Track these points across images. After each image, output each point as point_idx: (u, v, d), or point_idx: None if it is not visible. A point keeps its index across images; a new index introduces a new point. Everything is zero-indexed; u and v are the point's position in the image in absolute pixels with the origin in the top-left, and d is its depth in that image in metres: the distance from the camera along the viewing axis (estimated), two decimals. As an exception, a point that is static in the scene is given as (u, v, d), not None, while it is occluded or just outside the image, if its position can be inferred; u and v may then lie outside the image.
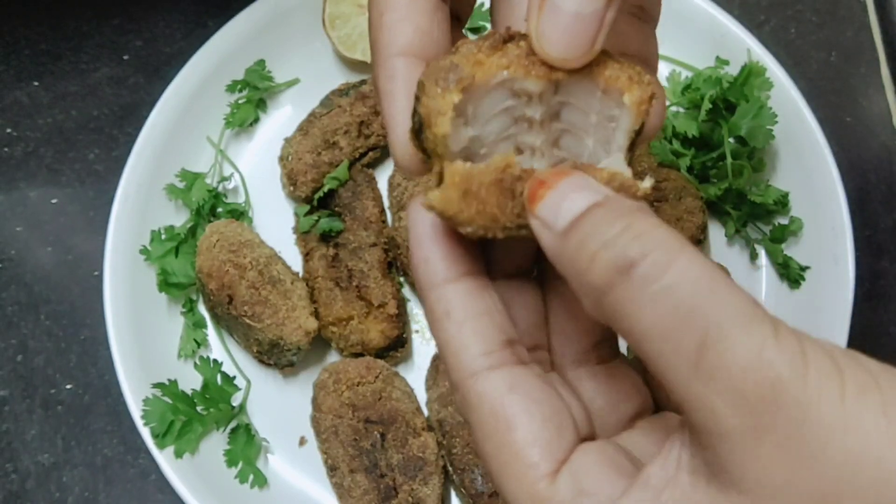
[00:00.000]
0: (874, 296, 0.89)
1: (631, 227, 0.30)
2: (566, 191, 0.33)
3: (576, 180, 0.33)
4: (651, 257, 0.29)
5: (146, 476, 0.84)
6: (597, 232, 0.31)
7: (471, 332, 0.35)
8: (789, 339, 0.29)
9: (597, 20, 0.34)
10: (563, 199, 0.32)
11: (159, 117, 0.88)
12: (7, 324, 0.89)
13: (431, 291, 0.36)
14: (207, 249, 0.82)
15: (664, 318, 0.29)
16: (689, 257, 0.30)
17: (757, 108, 0.84)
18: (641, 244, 0.30)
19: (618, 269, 0.30)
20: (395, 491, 0.77)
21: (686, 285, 0.29)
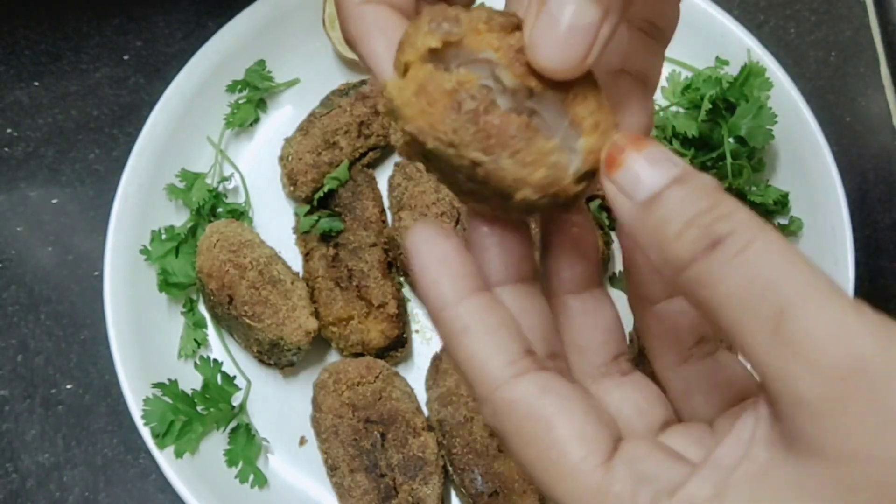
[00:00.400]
0: (874, 296, 0.89)
1: (717, 207, 0.31)
2: (648, 160, 0.33)
3: (657, 150, 0.33)
4: (736, 234, 0.30)
5: (146, 476, 0.84)
6: (684, 208, 0.31)
7: (491, 345, 0.35)
8: (871, 316, 0.29)
9: (591, 34, 0.34)
10: (645, 168, 0.32)
11: (159, 117, 0.88)
12: (7, 324, 0.89)
13: (445, 311, 0.36)
14: (208, 249, 0.82)
15: (744, 289, 0.30)
16: (770, 236, 0.30)
17: (756, 108, 0.84)
18: (728, 222, 0.30)
19: (704, 246, 0.30)
20: (395, 491, 0.77)
21: (767, 259, 0.30)
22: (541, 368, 0.35)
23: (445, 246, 0.36)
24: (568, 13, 0.33)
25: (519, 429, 0.34)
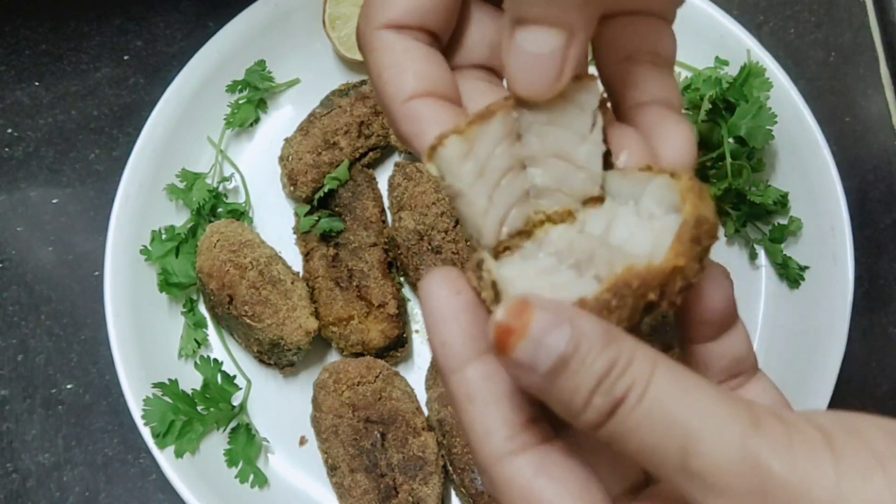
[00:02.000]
0: (873, 295, 0.89)
1: (615, 365, 0.32)
2: (540, 335, 0.32)
3: (544, 320, 0.32)
4: (633, 387, 0.31)
5: (146, 476, 0.84)
6: (584, 376, 0.32)
7: (493, 416, 0.35)
8: (771, 426, 0.30)
9: (558, 58, 0.35)
10: (539, 344, 0.32)
11: (160, 117, 0.88)
12: (8, 323, 0.89)
13: (452, 375, 0.36)
14: (208, 249, 0.82)
15: (650, 437, 0.31)
16: (662, 372, 0.32)
17: (756, 108, 0.84)
18: (625, 377, 0.31)
19: (608, 409, 0.32)
20: (395, 490, 0.77)
21: (663, 401, 0.31)
22: (541, 441, 0.35)
23: (457, 303, 0.36)
24: (533, 43, 0.35)
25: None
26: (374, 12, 0.40)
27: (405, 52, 0.39)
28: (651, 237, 0.37)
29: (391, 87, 0.39)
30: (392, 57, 0.39)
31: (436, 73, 0.39)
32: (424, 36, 0.40)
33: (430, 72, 0.39)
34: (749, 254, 0.88)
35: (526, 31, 0.35)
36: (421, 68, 0.39)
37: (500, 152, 0.38)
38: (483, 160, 0.38)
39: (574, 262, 0.38)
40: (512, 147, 0.38)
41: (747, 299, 0.86)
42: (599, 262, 0.37)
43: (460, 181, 0.38)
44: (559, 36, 0.35)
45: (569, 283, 0.37)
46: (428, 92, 0.39)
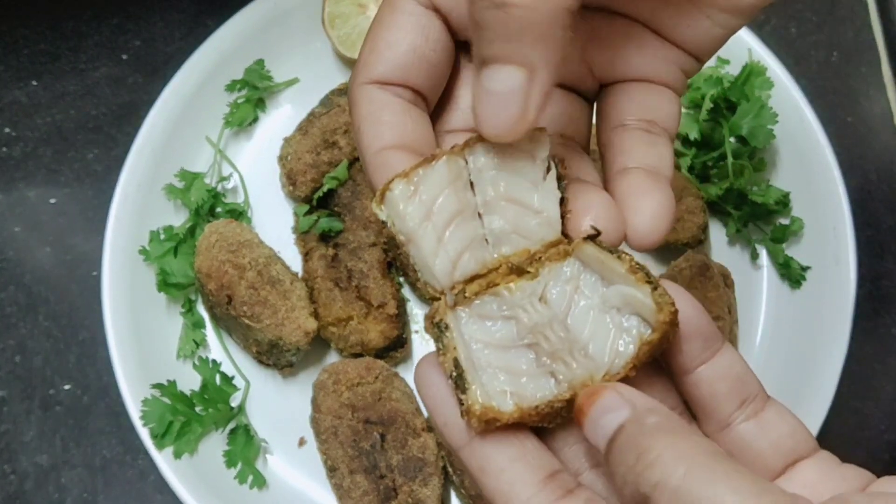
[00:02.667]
0: (876, 296, 0.89)
1: (641, 458, 0.33)
2: (599, 413, 0.36)
3: (605, 402, 0.36)
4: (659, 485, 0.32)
5: (145, 477, 0.84)
6: (620, 462, 0.34)
7: (508, 482, 0.37)
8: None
9: (519, 97, 0.36)
10: (598, 421, 0.36)
11: (158, 117, 0.88)
12: (6, 324, 0.89)
13: (461, 451, 0.38)
14: (206, 249, 0.82)
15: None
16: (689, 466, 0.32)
17: (758, 107, 0.84)
18: (652, 473, 0.33)
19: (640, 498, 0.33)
20: (394, 491, 0.77)
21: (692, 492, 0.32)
22: (563, 495, 0.36)
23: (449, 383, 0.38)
24: (496, 82, 0.36)
25: None
26: (361, 69, 0.42)
27: (384, 106, 0.41)
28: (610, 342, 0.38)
29: (367, 137, 0.41)
30: (371, 109, 0.41)
31: (411, 127, 0.41)
32: (408, 93, 0.41)
33: (405, 125, 0.41)
34: (750, 254, 0.87)
35: (489, 70, 0.36)
36: (397, 121, 0.41)
37: (447, 195, 0.39)
38: (429, 202, 0.39)
39: (531, 342, 0.39)
40: (461, 192, 0.40)
41: (749, 300, 0.86)
42: (557, 353, 0.38)
43: (406, 222, 0.39)
44: (519, 73, 0.36)
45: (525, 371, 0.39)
46: (401, 144, 0.40)
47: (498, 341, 0.39)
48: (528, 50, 0.35)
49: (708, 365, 0.40)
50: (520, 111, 0.36)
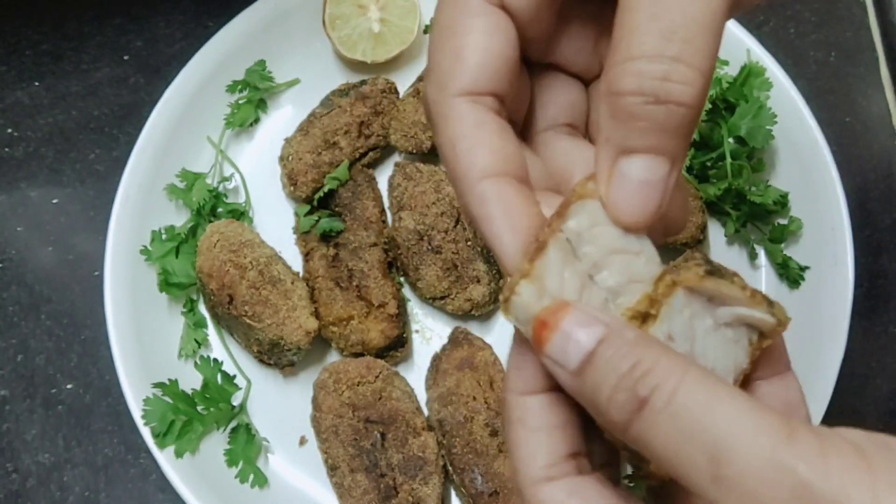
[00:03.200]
0: (874, 295, 0.89)
1: (638, 365, 0.33)
2: (570, 330, 0.34)
3: (576, 317, 0.35)
4: (658, 389, 0.32)
5: (147, 476, 0.85)
6: (608, 373, 0.33)
7: (539, 442, 0.37)
8: (805, 438, 0.30)
9: (662, 185, 0.36)
10: (569, 339, 0.34)
11: (160, 117, 0.88)
12: (8, 324, 0.89)
13: (512, 397, 0.38)
14: (208, 249, 0.82)
15: (677, 442, 0.31)
16: (692, 380, 0.32)
17: (756, 108, 0.84)
18: (649, 380, 0.32)
19: (633, 408, 0.32)
20: (395, 490, 0.77)
21: (691, 408, 0.32)
22: (580, 474, 0.36)
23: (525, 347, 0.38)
24: (640, 171, 0.36)
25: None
26: (444, 79, 0.39)
27: (478, 126, 0.38)
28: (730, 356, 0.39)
29: (464, 161, 0.38)
30: (464, 130, 0.38)
31: (509, 148, 0.39)
32: (495, 103, 0.39)
33: (504, 147, 0.39)
34: (749, 254, 0.88)
35: (633, 159, 0.36)
36: (494, 144, 0.38)
37: (568, 277, 0.38)
38: (557, 291, 0.38)
39: None
40: (573, 266, 0.39)
41: (747, 299, 0.86)
42: None
43: None
44: (665, 164, 0.36)
45: None
46: (500, 171, 0.38)
47: None
48: (678, 143, 0.36)
49: (767, 382, 0.40)
50: (660, 200, 0.37)
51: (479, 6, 0.39)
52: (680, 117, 0.35)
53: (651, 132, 0.35)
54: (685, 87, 0.34)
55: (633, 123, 0.35)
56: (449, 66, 0.39)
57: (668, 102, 0.34)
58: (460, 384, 0.80)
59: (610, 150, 0.36)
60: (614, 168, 0.36)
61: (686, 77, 0.34)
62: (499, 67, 0.39)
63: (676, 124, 0.35)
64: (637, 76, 0.34)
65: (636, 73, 0.34)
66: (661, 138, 0.35)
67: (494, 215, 0.38)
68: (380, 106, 0.90)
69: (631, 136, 0.35)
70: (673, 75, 0.34)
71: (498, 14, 0.39)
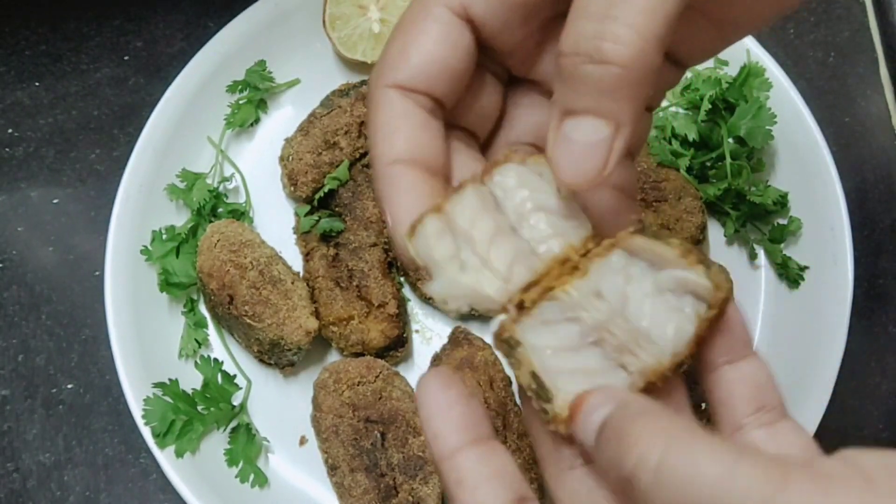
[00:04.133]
0: (873, 295, 0.89)
1: (623, 441, 0.34)
2: (588, 412, 0.37)
3: (593, 401, 0.37)
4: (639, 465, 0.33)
5: (147, 475, 0.85)
6: (605, 450, 0.35)
7: (482, 495, 0.37)
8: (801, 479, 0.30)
9: (604, 149, 0.37)
10: (587, 419, 0.37)
11: (160, 118, 0.88)
12: (8, 323, 0.89)
13: (443, 463, 0.39)
14: (208, 249, 0.82)
15: None
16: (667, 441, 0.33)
17: (756, 108, 0.84)
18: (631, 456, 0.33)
19: (625, 483, 0.34)
20: (395, 490, 0.77)
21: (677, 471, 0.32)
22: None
23: (448, 398, 0.39)
24: (581, 133, 0.37)
25: None
26: (384, 70, 0.41)
27: (404, 115, 0.41)
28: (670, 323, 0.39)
29: (381, 145, 0.41)
30: (390, 116, 0.41)
31: (427, 140, 0.41)
32: (428, 102, 0.41)
33: (422, 138, 0.41)
34: (749, 254, 0.88)
35: (576, 120, 0.36)
36: (414, 133, 0.40)
37: (483, 221, 0.40)
38: (466, 230, 0.40)
39: (597, 339, 0.40)
40: (492, 214, 0.41)
41: (747, 299, 0.86)
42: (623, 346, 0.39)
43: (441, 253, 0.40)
44: (607, 127, 0.36)
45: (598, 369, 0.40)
46: (413, 159, 0.40)
47: (566, 344, 0.40)
48: (618, 106, 0.36)
49: (733, 366, 0.40)
50: (602, 164, 0.37)
51: (440, 14, 0.40)
52: (615, 78, 0.35)
53: (589, 93, 0.36)
54: (619, 46, 0.34)
55: (573, 84, 0.36)
56: (393, 59, 0.41)
57: (602, 62, 0.34)
58: (460, 384, 0.80)
59: (555, 111, 0.37)
60: (558, 129, 0.37)
61: (620, 36, 0.34)
62: (439, 72, 0.41)
63: (612, 85, 0.35)
64: (576, 35, 0.35)
65: (576, 33, 0.35)
66: (600, 100, 0.36)
67: (392, 195, 0.40)
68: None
69: (572, 97, 0.36)
70: (607, 34, 0.34)
71: (456, 25, 0.41)
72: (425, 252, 0.40)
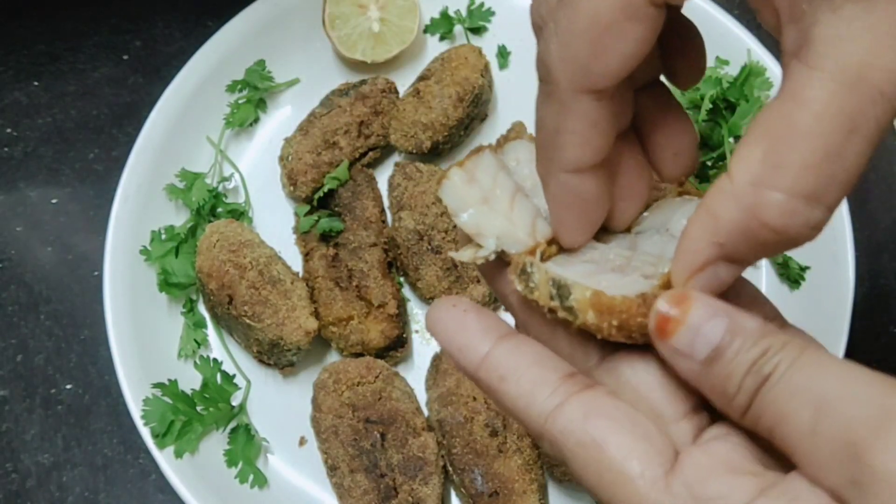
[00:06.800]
0: (874, 295, 0.89)
1: (768, 351, 0.33)
2: (698, 322, 0.34)
3: (702, 309, 0.34)
4: (778, 366, 0.32)
5: (146, 476, 0.84)
6: (739, 365, 0.33)
7: (529, 381, 0.36)
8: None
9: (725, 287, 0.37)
10: (697, 331, 0.34)
11: (159, 117, 0.88)
12: (7, 324, 0.89)
13: (479, 371, 0.38)
14: (207, 249, 0.82)
15: (785, 405, 0.32)
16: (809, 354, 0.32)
17: (757, 107, 0.84)
18: (773, 359, 0.32)
19: (755, 388, 0.33)
20: (395, 491, 0.77)
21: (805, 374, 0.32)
22: (584, 388, 0.36)
23: (457, 311, 0.38)
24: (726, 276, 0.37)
25: (575, 456, 0.35)
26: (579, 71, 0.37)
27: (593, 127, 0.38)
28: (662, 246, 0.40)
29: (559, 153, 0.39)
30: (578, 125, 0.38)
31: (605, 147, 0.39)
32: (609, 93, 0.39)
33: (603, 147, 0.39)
34: (749, 254, 0.87)
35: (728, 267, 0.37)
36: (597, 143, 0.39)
37: (503, 180, 0.42)
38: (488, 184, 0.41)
39: (614, 267, 0.40)
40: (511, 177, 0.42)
41: (748, 299, 0.86)
42: (638, 266, 0.39)
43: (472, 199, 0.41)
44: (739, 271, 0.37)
45: (618, 280, 0.39)
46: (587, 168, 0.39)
47: (582, 271, 0.40)
48: None
49: None
50: None
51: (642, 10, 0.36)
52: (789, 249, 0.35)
53: (763, 255, 0.35)
54: (817, 232, 0.34)
55: (756, 248, 0.34)
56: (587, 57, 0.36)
57: (797, 243, 0.34)
58: (460, 384, 0.79)
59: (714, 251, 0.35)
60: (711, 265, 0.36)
61: (820, 224, 0.33)
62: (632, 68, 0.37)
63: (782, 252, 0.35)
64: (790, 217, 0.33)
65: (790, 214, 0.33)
66: (762, 258, 0.36)
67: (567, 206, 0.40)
68: (379, 106, 0.90)
69: (746, 253, 0.35)
70: (820, 224, 0.33)
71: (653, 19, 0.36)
72: (455, 199, 0.41)
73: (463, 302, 0.39)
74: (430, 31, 0.96)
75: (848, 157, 0.32)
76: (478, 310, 0.39)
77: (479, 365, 0.38)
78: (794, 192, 0.32)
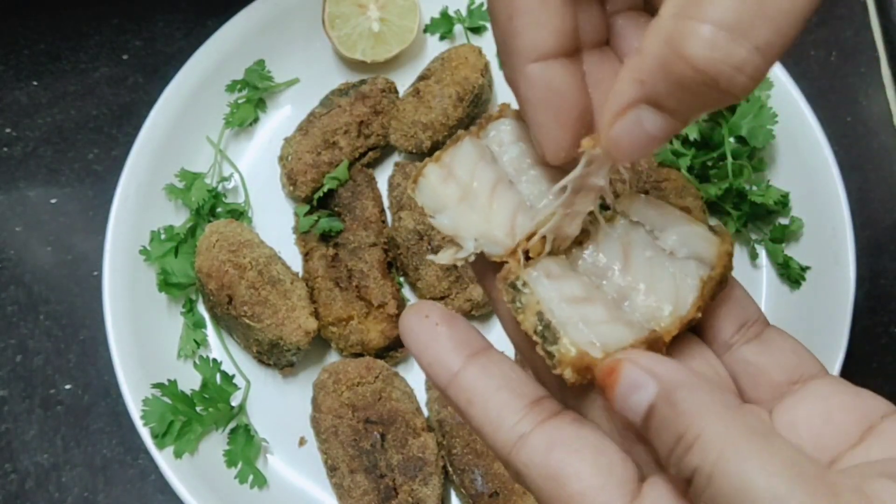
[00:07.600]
0: (875, 295, 0.89)
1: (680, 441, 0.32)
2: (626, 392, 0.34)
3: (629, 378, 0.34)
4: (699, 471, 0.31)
5: (146, 476, 0.84)
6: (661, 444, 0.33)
7: (496, 408, 0.36)
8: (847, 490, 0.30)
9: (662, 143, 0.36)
10: (627, 400, 0.34)
11: (159, 117, 0.88)
12: (6, 324, 0.89)
13: (448, 390, 0.38)
14: (207, 249, 0.82)
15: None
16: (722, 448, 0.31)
17: (757, 107, 0.84)
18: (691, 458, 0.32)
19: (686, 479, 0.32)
20: (395, 491, 0.77)
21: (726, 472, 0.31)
22: (549, 417, 0.36)
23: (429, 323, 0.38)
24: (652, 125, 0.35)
25: (539, 489, 0.35)
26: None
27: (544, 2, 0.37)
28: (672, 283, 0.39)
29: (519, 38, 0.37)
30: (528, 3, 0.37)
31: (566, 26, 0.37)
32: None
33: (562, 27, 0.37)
34: (750, 254, 0.87)
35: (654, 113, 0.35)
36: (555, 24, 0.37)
37: (482, 171, 0.40)
38: (466, 178, 0.40)
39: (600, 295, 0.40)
40: (491, 165, 0.41)
41: (748, 299, 0.86)
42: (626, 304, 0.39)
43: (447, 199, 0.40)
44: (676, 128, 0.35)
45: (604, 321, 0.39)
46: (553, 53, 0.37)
47: (571, 295, 0.39)
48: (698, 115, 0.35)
49: (747, 346, 0.40)
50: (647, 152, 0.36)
51: None
52: (721, 104, 0.33)
53: (689, 104, 0.33)
54: (750, 81, 0.32)
55: (677, 89, 0.33)
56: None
57: (726, 92, 0.32)
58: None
59: (636, 90, 0.34)
60: (634, 107, 0.35)
61: (757, 70, 0.31)
62: None
63: (715, 107, 0.34)
64: (711, 49, 0.31)
65: (711, 46, 0.31)
66: (692, 111, 0.34)
67: (540, 101, 0.37)
68: (379, 105, 0.90)
69: (668, 96, 0.33)
70: (747, 67, 0.31)
71: None
72: (431, 199, 0.40)
73: (436, 312, 0.38)
74: (430, 31, 0.96)
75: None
76: (450, 321, 0.38)
77: (447, 384, 0.38)
78: (715, 22, 0.30)
